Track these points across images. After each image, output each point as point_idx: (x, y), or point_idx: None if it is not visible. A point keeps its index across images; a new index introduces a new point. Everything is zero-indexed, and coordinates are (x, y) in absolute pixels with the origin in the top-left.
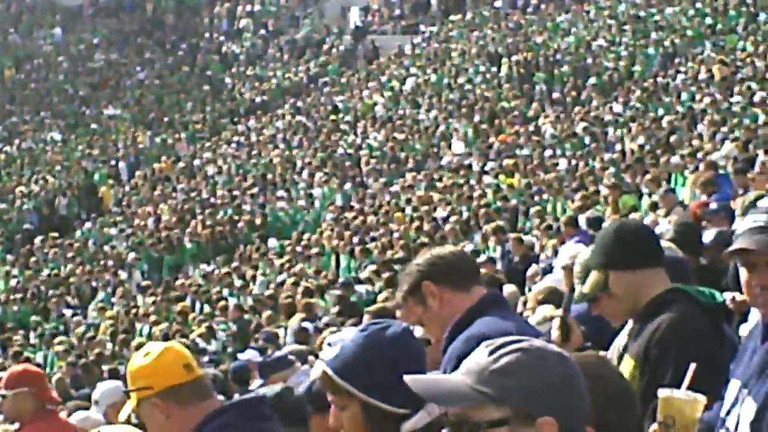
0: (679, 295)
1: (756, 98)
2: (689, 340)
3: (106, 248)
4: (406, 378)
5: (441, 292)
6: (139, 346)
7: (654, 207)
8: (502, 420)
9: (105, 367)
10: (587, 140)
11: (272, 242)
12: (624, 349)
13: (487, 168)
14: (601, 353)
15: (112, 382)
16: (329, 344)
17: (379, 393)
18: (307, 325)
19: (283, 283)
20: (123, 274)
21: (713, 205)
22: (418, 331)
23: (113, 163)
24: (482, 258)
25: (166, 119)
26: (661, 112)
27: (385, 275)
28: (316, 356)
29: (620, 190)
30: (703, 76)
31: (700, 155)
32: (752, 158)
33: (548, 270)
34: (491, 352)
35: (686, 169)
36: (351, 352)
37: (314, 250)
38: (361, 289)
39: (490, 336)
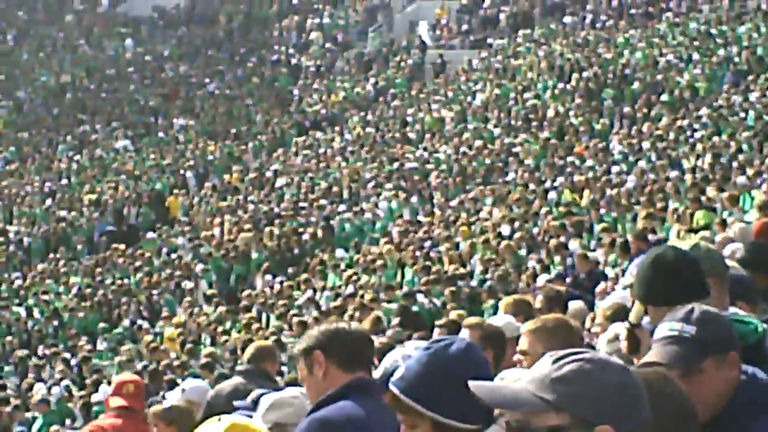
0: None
1: None
2: None
3: (174, 258)
4: (470, 383)
5: (328, 365)
6: (208, 354)
7: (723, 225)
8: (560, 426)
9: (166, 378)
10: (653, 157)
11: (340, 252)
12: None
13: (556, 183)
14: (667, 371)
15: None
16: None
17: (447, 410)
18: (374, 338)
19: (352, 295)
20: (189, 284)
21: None
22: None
23: (181, 173)
24: (552, 273)
25: (233, 131)
26: (729, 130)
27: (450, 289)
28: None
29: (699, 203)
30: None
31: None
32: None
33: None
34: (555, 361)
35: (753, 189)
36: (416, 372)
37: (379, 263)
38: (422, 299)
39: (331, 421)
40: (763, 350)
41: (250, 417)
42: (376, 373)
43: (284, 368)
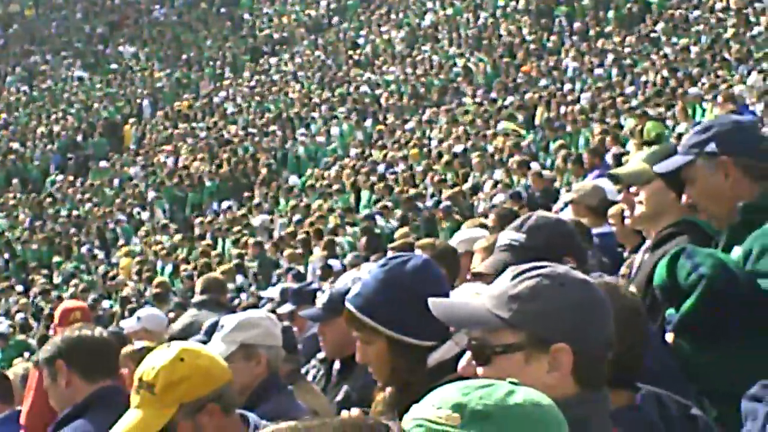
0: (688, 226)
1: None
2: None
3: (127, 188)
4: (429, 300)
5: (70, 374)
6: (160, 284)
7: (679, 138)
8: (515, 345)
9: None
10: (614, 72)
11: (293, 179)
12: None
13: (507, 102)
14: (609, 279)
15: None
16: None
17: (403, 327)
18: (333, 262)
19: (303, 220)
20: (144, 214)
21: None
22: None
23: (137, 101)
24: (508, 193)
25: (184, 57)
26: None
27: (406, 210)
28: None
29: (647, 116)
30: (720, 6)
31: (724, 86)
32: None
33: None
34: (513, 277)
35: (704, 101)
36: (372, 288)
37: (335, 187)
38: (381, 222)
39: None
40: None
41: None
42: (324, 296)
43: (243, 295)
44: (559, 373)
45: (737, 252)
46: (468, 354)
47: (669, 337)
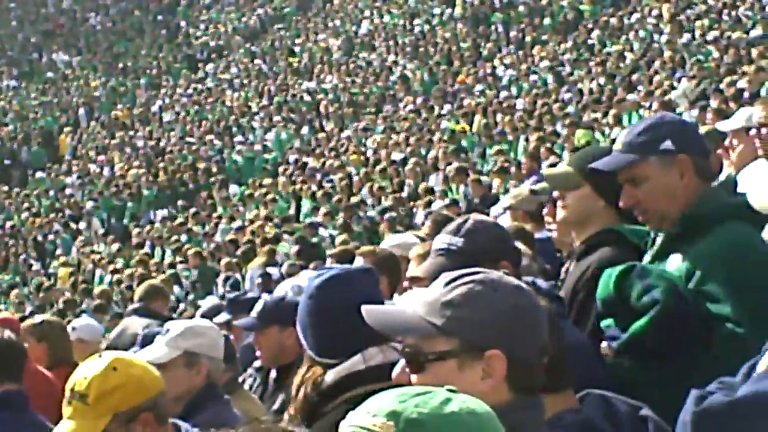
0: (613, 236)
1: (709, 36)
2: None
3: (64, 197)
4: (363, 308)
5: None
6: (100, 294)
7: (612, 143)
8: (449, 352)
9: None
10: (550, 79)
11: (233, 188)
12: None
13: (444, 111)
14: (542, 283)
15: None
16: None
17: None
18: (272, 270)
19: (242, 228)
20: (81, 223)
21: None
22: None
23: (73, 110)
24: (446, 200)
25: (120, 65)
26: (616, 49)
27: (346, 219)
28: None
29: (576, 126)
30: (654, 14)
31: (658, 93)
32: (706, 95)
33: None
34: (446, 284)
35: (641, 108)
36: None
37: (272, 195)
38: (324, 232)
39: None
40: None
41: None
42: (259, 306)
43: (181, 305)
44: (492, 379)
45: (676, 262)
46: (402, 361)
47: (605, 349)
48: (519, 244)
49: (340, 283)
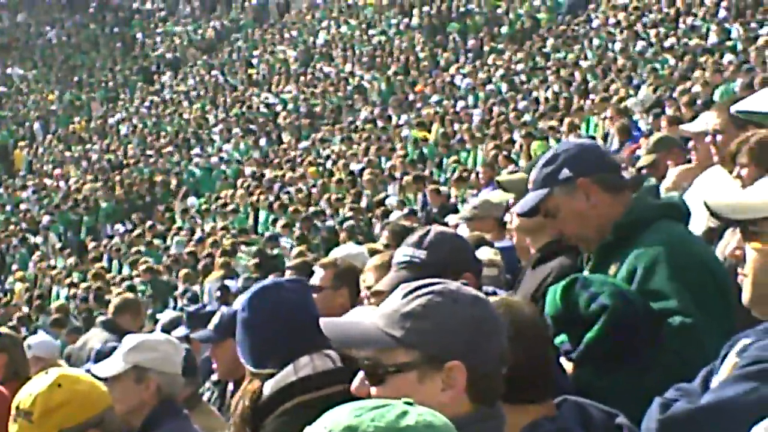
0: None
1: (666, 44)
2: None
3: (20, 212)
4: (321, 321)
5: None
6: (58, 309)
7: None
8: (409, 363)
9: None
10: (504, 88)
11: (191, 200)
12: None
13: (401, 121)
14: (502, 293)
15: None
16: None
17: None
18: (230, 283)
19: (201, 240)
20: (38, 238)
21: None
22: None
23: (27, 124)
24: (404, 210)
25: (75, 79)
26: (571, 57)
27: (304, 229)
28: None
29: (532, 137)
30: (611, 21)
31: (614, 100)
32: (662, 103)
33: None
34: (405, 295)
35: (596, 115)
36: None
37: (231, 207)
38: (285, 243)
39: None
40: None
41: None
42: (215, 319)
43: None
44: (453, 390)
45: (614, 271)
46: (361, 374)
47: (568, 366)
48: (491, 255)
49: (271, 295)
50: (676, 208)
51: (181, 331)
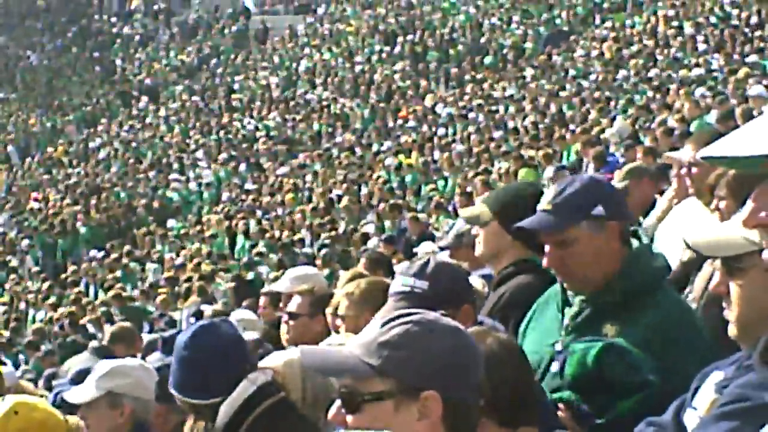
0: (528, 265)
1: (649, 74)
2: (528, 308)
3: None
4: (299, 349)
5: None
6: (35, 332)
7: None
8: (385, 392)
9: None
10: (481, 118)
11: (171, 222)
12: None
13: (384, 147)
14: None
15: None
16: None
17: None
18: (205, 307)
19: (182, 265)
20: (14, 261)
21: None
22: None
23: (4, 147)
24: (381, 237)
25: (56, 103)
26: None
27: (281, 256)
28: None
29: (522, 161)
30: (594, 53)
31: (594, 132)
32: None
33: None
34: (383, 325)
35: (575, 145)
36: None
37: (209, 232)
38: (262, 269)
39: None
40: None
41: None
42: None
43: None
44: (428, 420)
45: (612, 330)
46: (338, 402)
47: (564, 419)
48: (479, 287)
49: (208, 333)
50: (669, 270)
51: (157, 357)
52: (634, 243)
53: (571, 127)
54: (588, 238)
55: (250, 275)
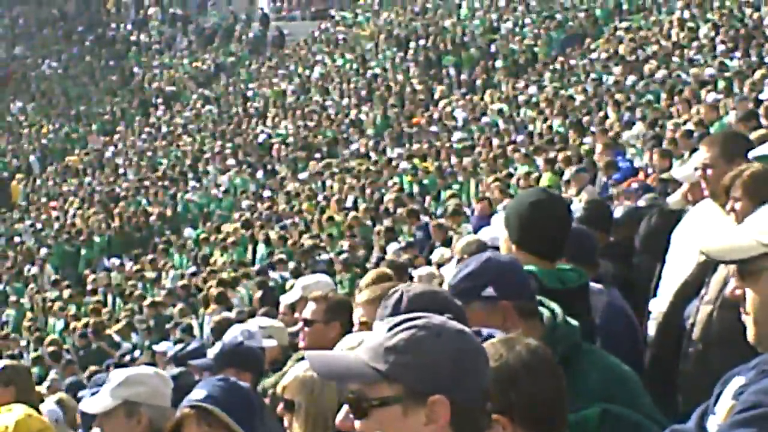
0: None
1: (659, 75)
2: None
3: (17, 244)
4: (306, 354)
5: None
6: (53, 342)
7: (568, 183)
8: (392, 397)
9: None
10: (500, 122)
11: (188, 231)
12: None
13: (396, 153)
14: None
15: None
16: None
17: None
18: (228, 314)
19: (197, 273)
20: (34, 270)
21: (634, 185)
22: None
23: (24, 156)
24: (402, 243)
25: (73, 112)
26: (570, 92)
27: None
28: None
29: (551, 165)
30: (606, 55)
31: (611, 134)
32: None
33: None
34: (390, 329)
35: (594, 150)
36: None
37: (231, 240)
38: (275, 275)
39: None
40: (585, 297)
41: None
42: (216, 349)
43: (137, 352)
44: (436, 425)
45: None
46: (345, 407)
47: None
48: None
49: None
50: (585, 326)
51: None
52: (545, 312)
53: (592, 129)
54: (482, 319)
55: (271, 282)
